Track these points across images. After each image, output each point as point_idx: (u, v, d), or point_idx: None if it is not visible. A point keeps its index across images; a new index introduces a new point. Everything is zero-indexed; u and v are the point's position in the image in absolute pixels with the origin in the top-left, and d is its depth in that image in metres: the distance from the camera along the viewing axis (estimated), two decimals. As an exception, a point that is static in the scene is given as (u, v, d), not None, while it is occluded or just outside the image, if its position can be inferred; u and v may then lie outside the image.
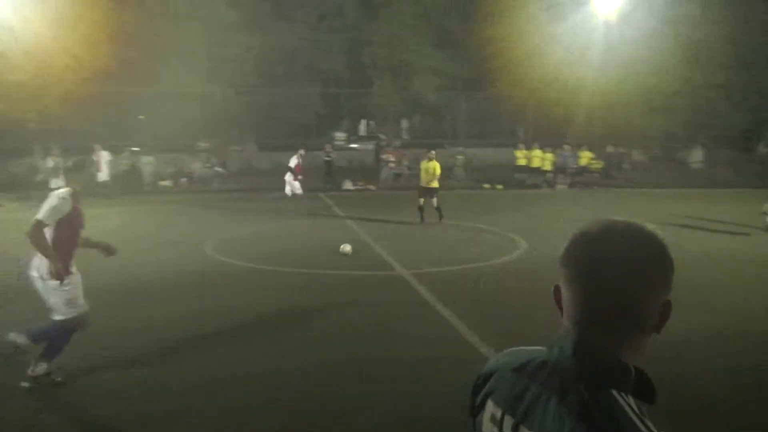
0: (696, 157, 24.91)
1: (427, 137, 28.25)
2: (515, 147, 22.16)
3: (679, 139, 26.43)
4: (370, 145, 28.34)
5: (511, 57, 23.12)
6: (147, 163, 20.33)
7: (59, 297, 4.44)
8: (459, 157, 22.87)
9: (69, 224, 4.48)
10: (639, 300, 0.99)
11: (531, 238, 10.66)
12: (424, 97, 27.88)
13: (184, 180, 21.08)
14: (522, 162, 21.30)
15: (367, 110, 33.34)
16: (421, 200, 12.60)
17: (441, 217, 12.39)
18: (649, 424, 0.95)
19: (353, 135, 36.25)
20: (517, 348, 1.15)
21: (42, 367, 4.48)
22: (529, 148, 21.39)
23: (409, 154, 23.19)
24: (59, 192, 4.54)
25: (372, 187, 20.40)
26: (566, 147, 21.58)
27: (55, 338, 4.52)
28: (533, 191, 19.93)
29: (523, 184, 20.79)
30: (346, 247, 9.33)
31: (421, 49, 27.13)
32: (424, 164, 12.89)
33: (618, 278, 0.98)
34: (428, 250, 10.06)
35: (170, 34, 21.37)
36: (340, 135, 34.79)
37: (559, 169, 21.27)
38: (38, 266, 4.43)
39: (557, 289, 1.06)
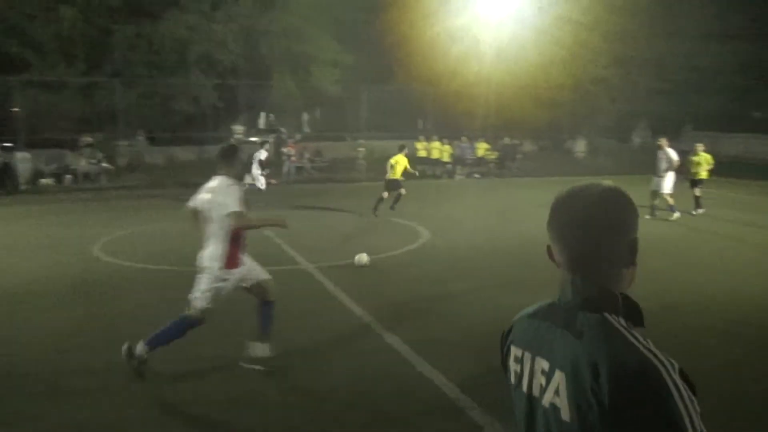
0: (580, 147, 26.72)
1: (328, 130, 28.09)
2: (416, 139, 22.61)
3: (564, 130, 28.23)
4: (270, 139, 27.69)
5: (411, 50, 23.53)
6: (23, 160, 18.57)
7: (209, 285, 4.34)
8: (360, 149, 22.95)
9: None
10: (609, 241, 1.20)
11: (433, 227, 10.92)
12: (324, 90, 27.64)
13: (68, 177, 19.51)
14: (422, 154, 21.76)
15: (266, 103, 32.53)
16: (386, 194, 12.74)
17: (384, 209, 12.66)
18: (637, 334, 1.14)
19: (252, 128, 35.26)
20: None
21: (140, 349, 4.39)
22: (428, 140, 21.89)
23: (311, 148, 22.97)
24: (224, 182, 4.33)
25: (274, 181, 19.96)
26: (464, 139, 22.39)
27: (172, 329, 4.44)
28: (433, 182, 20.47)
29: (423, 175, 21.25)
30: (363, 258, 8.10)
31: (320, 40, 26.84)
32: (402, 159, 13.02)
33: (588, 227, 1.20)
34: (331, 242, 10.03)
35: (45, 19, 19.65)
36: (238, 128, 33.69)
37: (457, 160, 22.03)
38: (211, 256, 4.29)
39: (549, 248, 1.27)
